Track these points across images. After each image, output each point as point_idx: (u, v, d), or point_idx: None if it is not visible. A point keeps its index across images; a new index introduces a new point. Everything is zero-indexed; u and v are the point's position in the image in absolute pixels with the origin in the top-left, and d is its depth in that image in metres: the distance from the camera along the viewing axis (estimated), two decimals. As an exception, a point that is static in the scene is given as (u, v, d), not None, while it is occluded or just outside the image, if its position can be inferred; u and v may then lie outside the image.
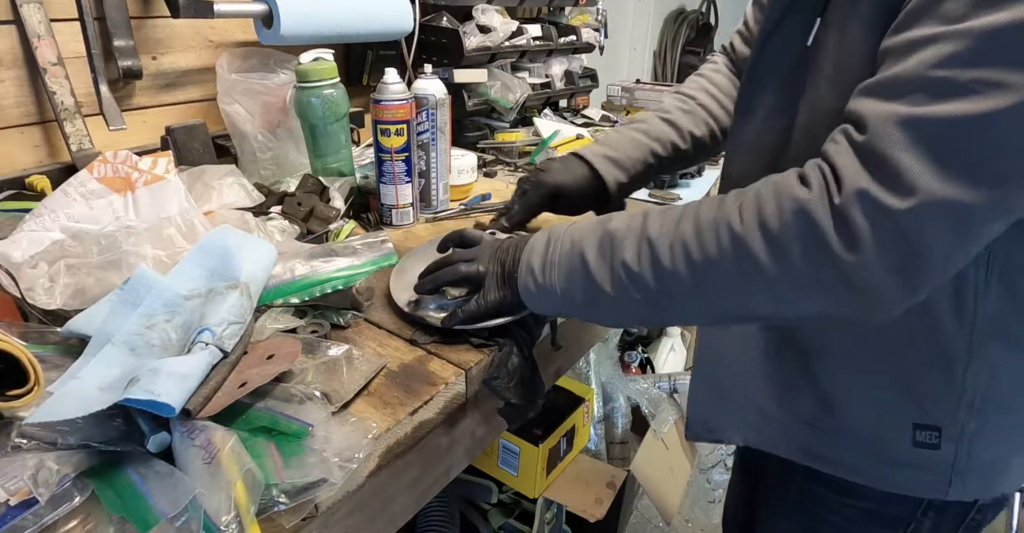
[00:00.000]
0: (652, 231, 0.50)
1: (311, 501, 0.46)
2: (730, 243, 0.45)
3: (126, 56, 0.91)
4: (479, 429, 0.71)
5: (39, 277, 0.61)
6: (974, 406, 0.53)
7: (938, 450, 0.54)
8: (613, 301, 0.52)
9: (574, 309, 0.57)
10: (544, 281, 0.56)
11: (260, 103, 0.99)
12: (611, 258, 0.51)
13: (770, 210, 0.44)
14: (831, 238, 0.41)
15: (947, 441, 0.54)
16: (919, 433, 0.55)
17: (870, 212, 0.40)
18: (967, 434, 0.54)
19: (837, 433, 0.59)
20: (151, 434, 0.47)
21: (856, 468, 0.59)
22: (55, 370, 0.52)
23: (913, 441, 0.55)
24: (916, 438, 0.55)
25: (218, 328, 0.55)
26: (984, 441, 0.54)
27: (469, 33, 1.27)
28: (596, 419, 1.54)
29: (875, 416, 0.56)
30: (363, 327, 0.68)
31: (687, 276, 0.48)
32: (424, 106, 0.94)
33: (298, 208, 0.83)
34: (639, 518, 1.70)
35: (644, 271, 0.49)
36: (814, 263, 0.43)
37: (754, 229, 0.44)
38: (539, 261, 0.56)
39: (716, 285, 0.47)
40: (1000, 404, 0.53)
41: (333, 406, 0.53)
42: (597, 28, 1.66)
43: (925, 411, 0.54)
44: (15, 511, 0.41)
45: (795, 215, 0.43)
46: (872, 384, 0.56)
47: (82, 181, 0.70)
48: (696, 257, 0.47)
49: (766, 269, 0.44)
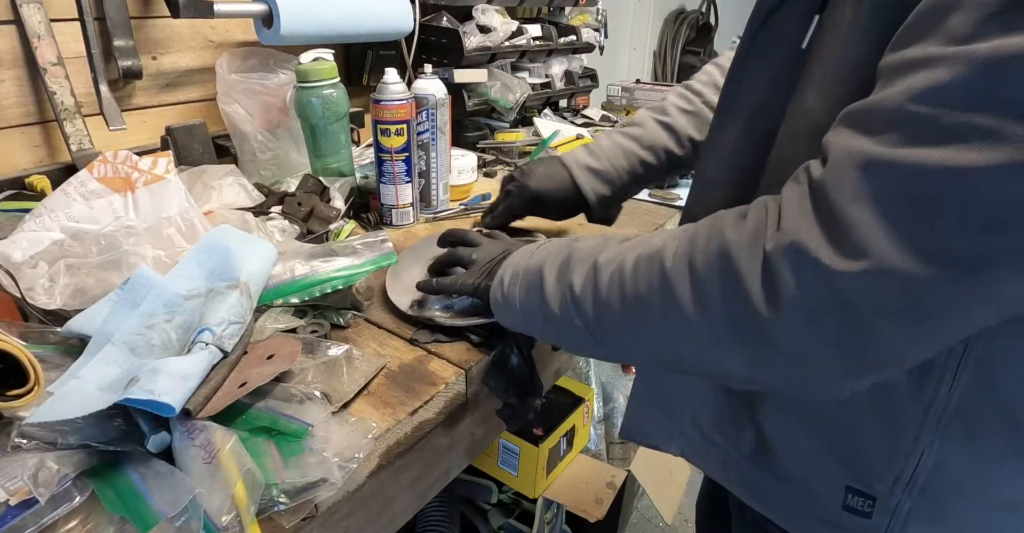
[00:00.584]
0: (602, 257, 0.47)
1: (311, 501, 0.46)
2: (659, 281, 0.41)
3: (126, 56, 0.91)
4: (479, 429, 0.71)
5: (39, 277, 0.61)
6: (915, 488, 0.47)
7: (869, 520, 0.49)
8: (560, 324, 0.50)
9: (530, 327, 0.55)
10: (507, 293, 0.55)
11: (260, 103, 0.99)
12: (563, 279, 0.49)
13: (700, 248, 0.39)
14: (752, 289, 0.36)
15: (880, 514, 0.49)
16: (851, 497, 0.49)
17: (801, 267, 0.34)
18: (901, 513, 0.48)
19: (773, 475, 0.54)
20: (151, 434, 0.47)
21: (786, 515, 0.55)
22: (55, 370, 0.52)
23: (843, 504, 0.50)
24: (847, 502, 0.50)
25: (218, 328, 0.55)
26: (921, 525, 0.48)
27: (469, 33, 1.27)
28: (596, 419, 1.54)
29: (809, 469, 0.51)
30: (363, 327, 0.68)
31: (618, 310, 0.44)
32: (424, 106, 0.94)
33: (298, 208, 0.83)
34: (639, 518, 1.70)
35: (585, 298, 0.46)
36: (732, 315, 0.37)
37: (683, 268, 0.40)
38: (510, 273, 0.56)
39: (643, 324, 0.43)
40: (943, 493, 0.47)
41: (333, 406, 0.53)
42: (597, 28, 1.66)
43: (861, 478, 0.49)
44: (15, 511, 0.41)
45: (719, 258, 0.38)
46: (813, 436, 0.51)
47: (82, 181, 0.70)
48: (628, 291, 0.43)
49: (688, 314, 0.39)
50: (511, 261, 0.57)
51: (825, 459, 0.50)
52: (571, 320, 0.48)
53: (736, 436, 0.56)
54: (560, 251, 0.52)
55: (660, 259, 0.42)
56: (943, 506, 0.47)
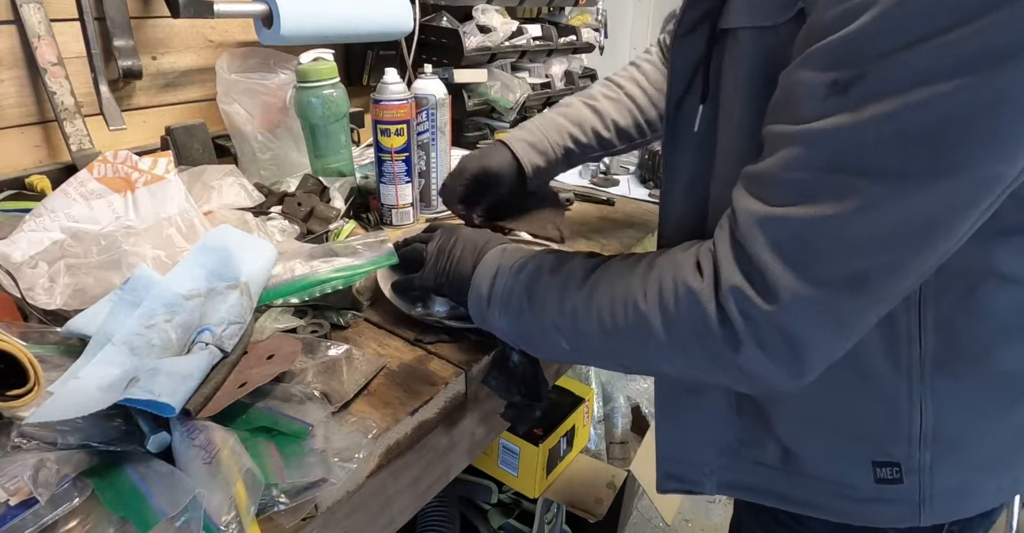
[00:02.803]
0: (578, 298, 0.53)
1: (311, 501, 0.46)
2: (635, 319, 0.48)
3: (126, 56, 0.91)
4: (479, 429, 0.71)
5: (39, 277, 0.61)
6: (926, 440, 0.53)
7: (901, 484, 0.55)
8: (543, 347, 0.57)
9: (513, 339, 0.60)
10: (490, 314, 0.59)
11: (260, 103, 0.99)
12: (537, 312, 0.55)
13: (668, 293, 0.46)
14: (715, 332, 0.43)
15: (908, 474, 0.54)
16: (879, 470, 0.55)
17: (745, 311, 0.42)
18: (925, 465, 0.54)
19: (804, 477, 0.59)
20: (151, 434, 0.47)
21: (829, 508, 0.59)
22: (55, 370, 0.52)
23: (875, 478, 0.55)
24: (877, 475, 0.55)
25: (218, 328, 0.55)
26: (945, 470, 0.54)
27: (469, 33, 1.27)
28: (596, 419, 1.54)
29: (835, 460, 0.57)
30: (363, 327, 0.68)
31: (599, 341, 0.51)
32: (424, 106, 0.94)
33: (298, 208, 0.83)
34: (639, 518, 1.70)
35: (565, 328, 0.53)
36: (705, 351, 0.45)
37: (655, 309, 0.47)
38: (486, 290, 0.59)
39: (626, 352, 0.51)
40: (952, 434, 0.53)
41: (333, 406, 0.53)
42: (597, 28, 1.66)
43: (880, 450, 0.55)
44: (15, 511, 0.41)
45: (688, 304, 0.45)
46: (826, 431, 0.56)
47: (82, 181, 0.70)
48: (608, 327, 0.50)
49: (665, 347, 0.47)
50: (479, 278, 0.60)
51: (846, 446, 0.56)
52: (558, 346, 0.55)
53: (761, 454, 0.61)
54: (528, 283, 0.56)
55: (634, 300, 0.48)
56: (958, 449, 0.53)
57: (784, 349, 0.42)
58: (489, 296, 0.58)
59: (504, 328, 0.58)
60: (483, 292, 0.59)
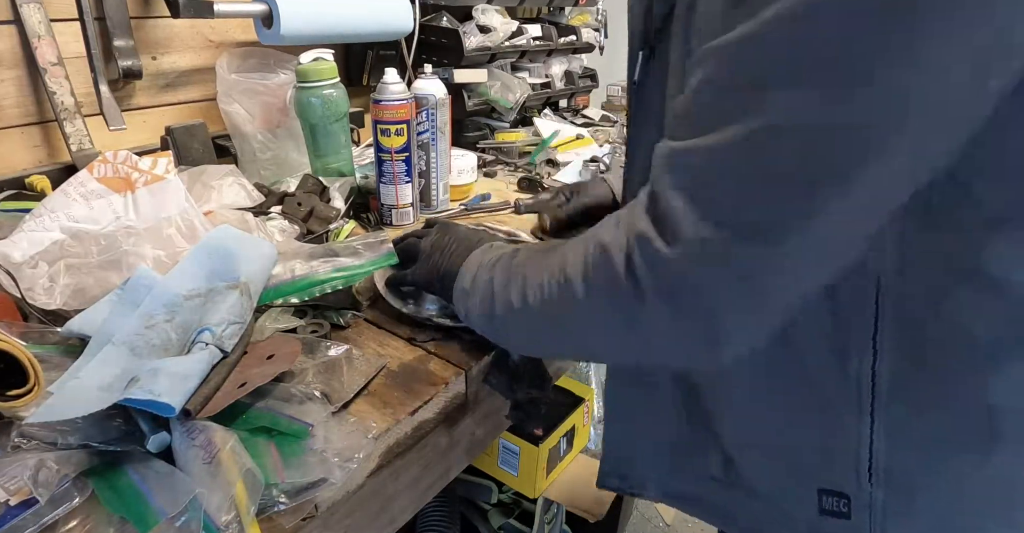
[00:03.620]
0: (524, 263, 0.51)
1: (311, 501, 0.46)
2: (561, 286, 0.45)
3: (126, 56, 0.91)
4: (479, 429, 0.71)
5: (39, 277, 0.61)
6: (878, 477, 0.45)
7: (848, 519, 0.47)
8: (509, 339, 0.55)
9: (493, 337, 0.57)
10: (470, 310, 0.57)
11: (260, 103, 0.99)
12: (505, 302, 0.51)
13: (589, 253, 0.43)
14: (623, 285, 0.39)
15: (858, 511, 0.47)
16: (825, 499, 0.48)
17: (650, 258, 0.38)
18: (877, 506, 0.46)
19: (745, 495, 0.53)
20: (151, 434, 0.47)
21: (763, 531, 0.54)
22: (55, 370, 0.52)
23: (820, 508, 0.48)
24: (823, 505, 0.48)
25: (218, 328, 0.55)
26: (899, 517, 0.46)
27: (469, 33, 1.27)
28: (596, 419, 1.54)
29: (778, 479, 0.51)
30: (363, 327, 0.68)
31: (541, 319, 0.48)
32: (424, 106, 0.94)
33: (298, 208, 0.83)
34: (639, 518, 1.70)
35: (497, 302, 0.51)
36: (616, 310, 0.41)
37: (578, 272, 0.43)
38: (468, 284, 0.57)
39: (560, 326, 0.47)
40: (912, 478, 0.45)
41: (333, 406, 0.53)
42: (597, 28, 1.66)
43: (828, 477, 0.48)
44: (15, 511, 0.41)
45: (598, 258, 0.41)
46: (773, 445, 0.50)
47: (82, 181, 0.70)
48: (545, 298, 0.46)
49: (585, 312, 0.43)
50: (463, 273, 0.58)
51: (792, 463, 0.50)
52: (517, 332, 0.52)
53: (705, 462, 0.56)
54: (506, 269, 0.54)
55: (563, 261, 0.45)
56: (921, 494, 0.45)
57: (691, 303, 0.37)
58: (470, 291, 0.56)
59: (480, 323, 0.55)
60: (465, 287, 0.57)
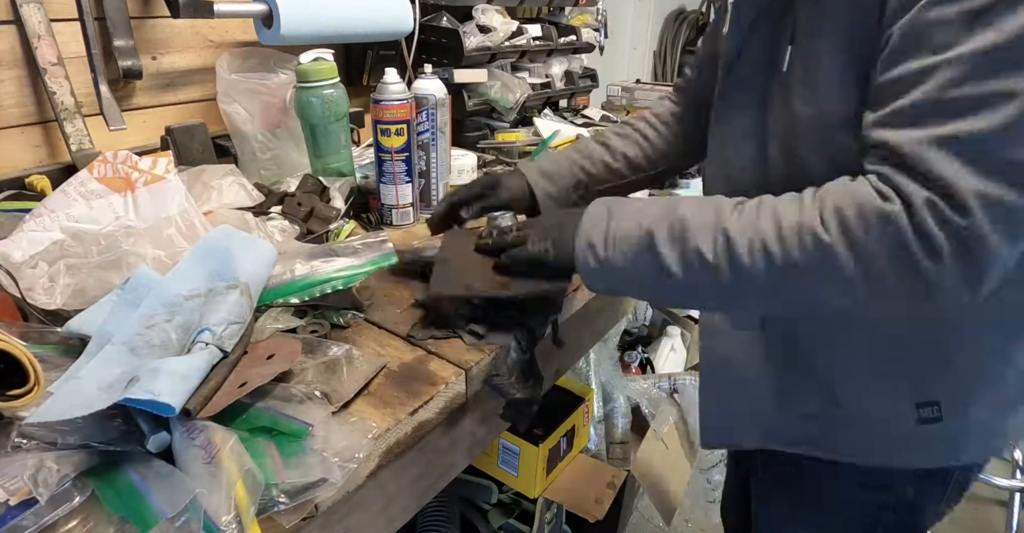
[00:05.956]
0: (730, 225, 0.52)
1: (311, 501, 0.46)
2: (815, 249, 0.48)
3: (126, 56, 0.91)
4: (479, 429, 0.71)
5: (39, 277, 0.61)
6: (964, 375, 0.58)
7: (940, 422, 0.59)
8: (680, 286, 0.54)
9: (633, 288, 0.59)
10: (606, 257, 0.57)
11: (260, 103, 0.99)
12: (683, 244, 0.53)
13: (854, 221, 0.47)
14: (915, 246, 0.45)
15: (948, 413, 0.59)
16: (923, 410, 0.59)
17: (943, 226, 0.44)
18: (963, 403, 0.59)
19: (846, 424, 0.63)
20: (151, 434, 0.47)
21: (866, 452, 0.63)
22: (55, 370, 0.52)
23: (918, 419, 0.59)
24: (921, 416, 0.59)
25: (218, 328, 0.55)
26: (979, 407, 0.59)
27: (469, 33, 1.27)
28: (596, 419, 1.54)
29: (879, 402, 0.61)
30: (363, 327, 0.68)
31: (765, 275, 0.50)
32: (424, 106, 0.94)
33: (298, 208, 0.83)
34: (639, 518, 1.70)
35: (720, 263, 0.51)
36: (899, 268, 0.46)
37: (839, 237, 0.47)
38: (600, 237, 0.58)
39: (794, 286, 0.51)
40: (986, 371, 0.59)
41: (333, 406, 0.53)
42: (597, 28, 1.66)
43: (924, 389, 0.59)
44: (15, 511, 0.41)
45: (881, 226, 0.46)
46: (872, 373, 0.60)
47: (82, 181, 0.70)
48: (778, 259, 0.49)
49: (851, 273, 0.47)
50: (587, 228, 0.59)
51: (891, 386, 0.60)
52: (698, 281, 0.53)
53: (801, 402, 0.65)
54: (661, 217, 0.55)
55: (811, 229, 0.48)
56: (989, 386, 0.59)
57: (974, 261, 0.44)
58: (605, 238, 0.57)
59: (627, 272, 0.56)
60: (595, 238, 0.57)
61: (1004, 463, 1.89)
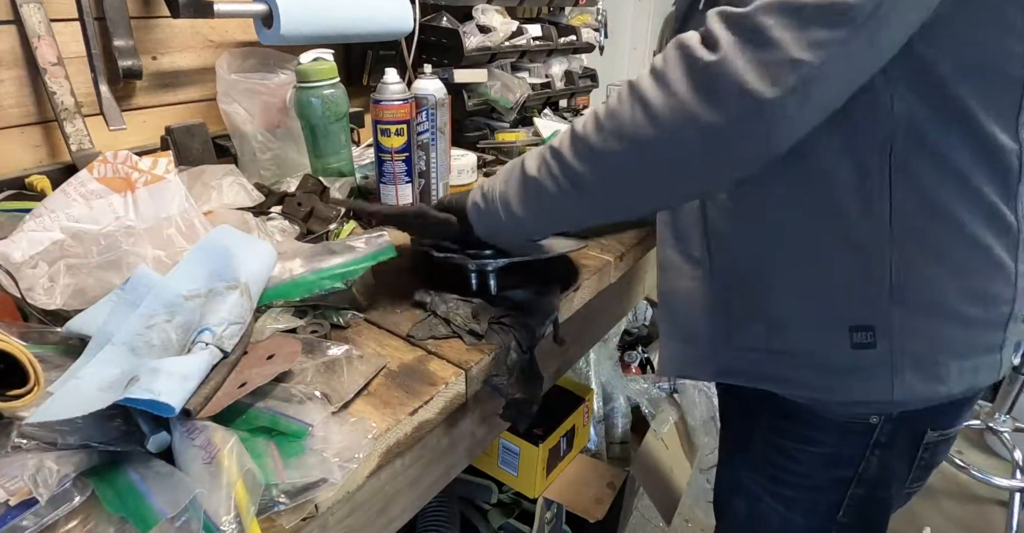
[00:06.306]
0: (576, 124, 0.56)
1: (311, 501, 0.46)
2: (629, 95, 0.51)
3: (126, 56, 0.91)
4: (479, 429, 0.71)
5: (39, 277, 0.61)
6: (896, 298, 0.59)
7: (874, 348, 0.60)
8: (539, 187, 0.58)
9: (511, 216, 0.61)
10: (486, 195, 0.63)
11: (260, 103, 0.99)
12: (542, 156, 0.58)
13: (659, 62, 0.50)
14: (696, 49, 0.47)
15: (881, 338, 0.60)
16: (855, 335, 0.60)
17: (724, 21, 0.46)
18: (895, 327, 0.59)
19: (788, 353, 0.65)
20: (151, 434, 0.47)
21: (806, 383, 0.65)
22: (55, 370, 0.52)
23: (851, 343, 0.60)
24: (853, 340, 0.60)
25: (218, 328, 0.55)
26: (911, 333, 0.59)
27: (469, 33, 1.27)
28: (596, 419, 1.55)
29: (817, 327, 0.63)
30: (363, 327, 0.68)
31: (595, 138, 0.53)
32: (424, 106, 0.94)
33: (298, 208, 0.83)
34: (639, 518, 1.70)
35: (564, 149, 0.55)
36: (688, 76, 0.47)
37: (647, 80, 0.50)
38: (480, 191, 0.65)
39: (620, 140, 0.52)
40: (920, 297, 0.59)
41: (333, 406, 0.53)
42: (597, 28, 1.66)
43: (858, 312, 0.60)
44: (15, 511, 0.41)
45: (673, 49, 0.49)
46: (811, 298, 0.62)
47: (82, 181, 0.70)
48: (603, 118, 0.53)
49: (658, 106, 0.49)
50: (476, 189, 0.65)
51: (828, 311, 0.62)
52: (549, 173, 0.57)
53: (748, 336, 0.67)
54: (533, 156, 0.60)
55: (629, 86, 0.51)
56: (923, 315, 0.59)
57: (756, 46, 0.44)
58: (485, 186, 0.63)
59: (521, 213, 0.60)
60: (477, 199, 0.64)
61: (1004, 463, 1.89)
